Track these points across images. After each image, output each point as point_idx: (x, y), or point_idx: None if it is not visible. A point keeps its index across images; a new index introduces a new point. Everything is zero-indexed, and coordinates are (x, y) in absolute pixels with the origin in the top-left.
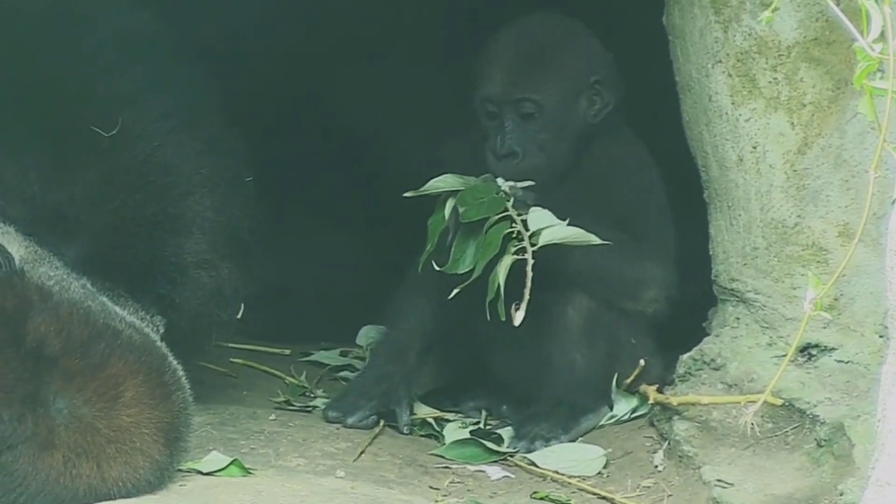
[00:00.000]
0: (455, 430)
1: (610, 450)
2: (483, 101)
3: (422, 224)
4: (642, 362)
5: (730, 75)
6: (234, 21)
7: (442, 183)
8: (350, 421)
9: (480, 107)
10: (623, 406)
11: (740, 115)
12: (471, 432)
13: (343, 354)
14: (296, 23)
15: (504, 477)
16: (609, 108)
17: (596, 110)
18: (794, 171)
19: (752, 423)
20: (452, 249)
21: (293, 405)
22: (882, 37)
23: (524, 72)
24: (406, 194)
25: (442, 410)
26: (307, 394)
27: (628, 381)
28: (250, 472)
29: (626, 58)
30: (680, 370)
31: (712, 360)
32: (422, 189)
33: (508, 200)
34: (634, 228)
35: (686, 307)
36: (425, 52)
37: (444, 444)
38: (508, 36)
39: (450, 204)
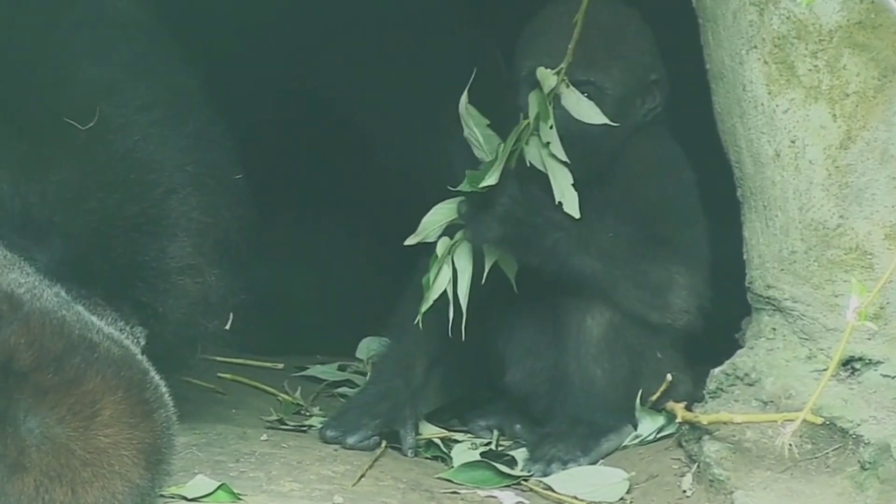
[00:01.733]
0: (464, 452)
1: (634, 473)
2: (532, 74)
3: None
4: (669, 377)
5: (766, 62)
6: (222, 5)
7: (437, 216)
8: (350, 441)
9: (527, 80)
10: (648, 425)
11: (777, 105)
12: (481, 454)
13: (341, 369)
14: (289, 8)
15: (518, 503)
16: (658, 110)
17: (647, 110)
18: (837, 167)
19: (790, 444)
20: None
21: (286, 424)
22: None
23: (592, 53)
24: (406, 242)
25: (449, 430)
26: (302, 412)
27: (654, 397)
28: (239, 498)
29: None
30: (710, 386)
31: (746, 374)
32: (419, 232)
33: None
34: (662, 233)
35: (717, 317)
36: (429, 44)
37: (452, 466)
38: (571, 11)
39: (443, 244)
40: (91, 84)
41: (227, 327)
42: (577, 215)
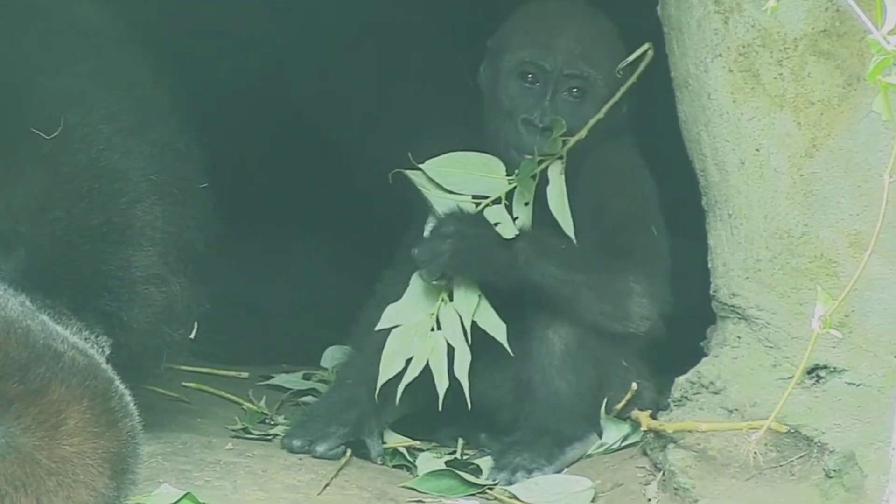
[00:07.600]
0: (429, 461)
1: (599, 481)
2: (523, 65)
3: (394, 236)
4: (634, 386)
5: (731, 70)
6: (189, 11)
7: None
8: (320, 450)
9: (516, 70)
10: (613, 434)
11: (742, 114)
12: (446, 462)
13: (306, 378)
14: (259, 13)
15: None
16: (624, 119)
17: (617, 115)
18: (801, 175)
19: (755, 452)
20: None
21: (251, 433)
22: None
23: (585, 47)
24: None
25: (414, 439)
26: (267, 421)
27: (619, 406)
28: None
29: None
30: (675, 394)
31: (711, 382)
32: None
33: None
34: (621, 241)
35: (681, 325)
36: (404, 51)
37: (417, 475)
38: (557, 7)
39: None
40: (56, 93)
41: (192, 336)
42: (507, 236)
